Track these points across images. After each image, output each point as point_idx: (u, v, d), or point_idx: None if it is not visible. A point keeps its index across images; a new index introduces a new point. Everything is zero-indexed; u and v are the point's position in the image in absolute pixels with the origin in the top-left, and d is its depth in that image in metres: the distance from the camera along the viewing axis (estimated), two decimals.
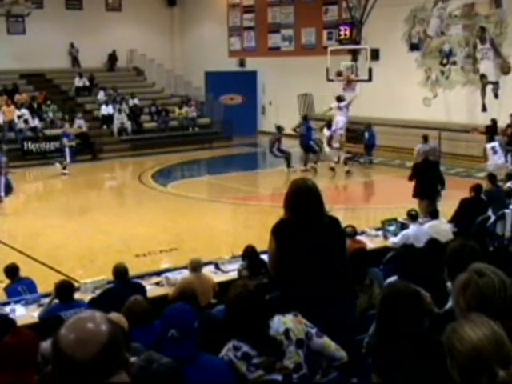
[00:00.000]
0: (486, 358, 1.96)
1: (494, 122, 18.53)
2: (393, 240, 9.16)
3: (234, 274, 8.21)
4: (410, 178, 11.98)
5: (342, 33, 21.27)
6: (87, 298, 7.28)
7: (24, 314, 7.15)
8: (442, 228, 9.12)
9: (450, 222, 9.90)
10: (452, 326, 2.12)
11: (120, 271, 7.16)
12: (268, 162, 21.21)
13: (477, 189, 10.50)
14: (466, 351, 1.99)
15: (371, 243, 9.42)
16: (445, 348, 2.09)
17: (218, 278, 8.31)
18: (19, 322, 6.61)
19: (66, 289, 6.67)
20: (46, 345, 4.16)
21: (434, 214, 9.64)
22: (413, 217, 9.29)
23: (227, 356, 3.44)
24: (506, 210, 9.98)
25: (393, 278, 5.58)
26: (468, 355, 1.98)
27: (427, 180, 11.86)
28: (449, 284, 4.01)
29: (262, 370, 3.41)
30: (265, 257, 8.54)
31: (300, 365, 3.48)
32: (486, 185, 11.27)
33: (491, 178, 11.48)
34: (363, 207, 14.91)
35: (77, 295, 7.39)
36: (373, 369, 3.50)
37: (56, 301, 6.77)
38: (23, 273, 10.45)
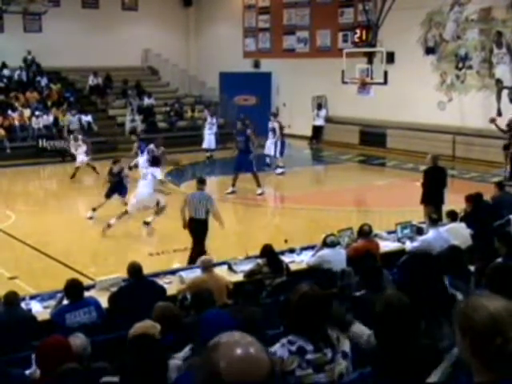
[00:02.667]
0: (502, 323, 2.05)
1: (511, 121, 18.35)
2: (412, 245, 9.14)
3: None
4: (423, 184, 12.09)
5: (357, 35, 21.23)
6: (103, 295, 7.32)
7: (40, 310, 7.22)
8: (460, 232, 9.09)
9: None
10: (465, 302, 2.22)
11: (135, 269, 7.21)
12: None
13: (474, 198, 10.45)
14: (482, 319, 2.08)
15: (384, 246, 9.43)
16: (456, 322, 2.17)
17: (231, 278, 8.34)
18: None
19: (74, 288, 6.70)
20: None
21: (452, 216, 9.60)
22: (433, 220, 9.25)
23: (279, 352, 3.51)
24: None
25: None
26: (484, 322, 2.07)
27: (434, 186, 11.86)
28: None
29: (311, 369, 3.49)
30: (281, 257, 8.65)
31: (343, 375, 3.59)
32: (494, 191, 11.26)
33: (499, 184, 11.49)
34: (376, 210, 14.88)
35: (92, 292, 7.45)
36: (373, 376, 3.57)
37: (66, 300, 6.82)
38: (37, 270, 10.62)
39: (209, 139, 21.86)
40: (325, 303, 3.66)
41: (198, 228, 10.51)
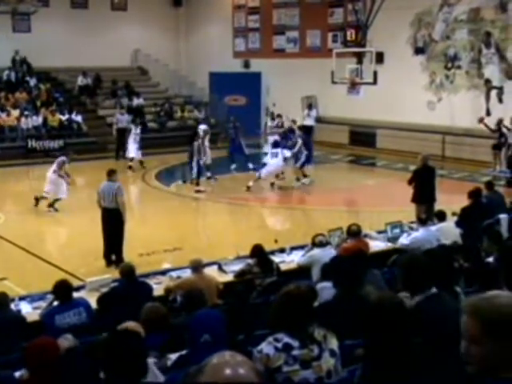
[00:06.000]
0: None
1: (499, 121, 18.46)
2: (402, 242, 9.17)
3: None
4: (410, 182, 12.14)
5: (347, 35, 21.25)
6: (93, 296, 7.30)
7: (29, 311, 7.19)
8: (450, 231, 9.13)
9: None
10: (483, 299, 2.27)
11: (128, 270, 7.19)
12: None
13: (475, 193, 10.53)
14: (505, 316, 2.18)
15: (375, 245, 9.45)
16: (477, 318, 2.23)
17: (222, 278, 8.34)
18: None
19: (63, 289, 6.69)
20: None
21: (440, 216, 9.65)
22: (422, 221, 9.30)
23: (265, 349, 3.52)
24: (501, 216, 10.01)
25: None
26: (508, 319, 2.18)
27: (426, 185, 11.92)
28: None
29: (298, 365, 3.51)
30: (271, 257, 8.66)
31: (331, 372, 3.60)
32: (484, 191, 11.31)
33: (488, 184, 11.56)
34: (366, 210, 14.91)
35: (82, 293, 7.43)
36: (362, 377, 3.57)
37: (56, 302, 6.79)
38: (27, 271, 10.57)
39: (130, 148, 20.25)
40: (307, 302, 3.68)
41: (108, 217, 10.65)
